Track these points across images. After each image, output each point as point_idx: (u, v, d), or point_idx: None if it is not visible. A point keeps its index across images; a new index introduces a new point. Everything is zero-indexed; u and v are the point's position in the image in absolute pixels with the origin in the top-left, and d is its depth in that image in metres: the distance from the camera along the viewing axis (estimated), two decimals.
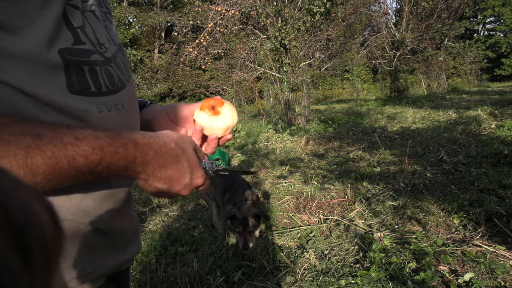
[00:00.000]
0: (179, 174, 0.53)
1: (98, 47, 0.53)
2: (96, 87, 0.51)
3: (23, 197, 0.20)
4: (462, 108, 8.27)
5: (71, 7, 0.49)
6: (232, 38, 9.29)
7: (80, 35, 0.49)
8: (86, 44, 0.50)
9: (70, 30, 0.48)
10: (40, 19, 0.44)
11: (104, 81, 0.52)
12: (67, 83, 0.47)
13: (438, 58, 15.72)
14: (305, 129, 7.44)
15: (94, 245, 0.55)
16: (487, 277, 1.90)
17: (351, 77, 23.77)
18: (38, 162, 0.39)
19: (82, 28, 0.50)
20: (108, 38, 0.57)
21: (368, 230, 2.61)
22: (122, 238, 0.62)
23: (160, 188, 0.52)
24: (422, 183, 3.34)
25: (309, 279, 2.08)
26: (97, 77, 0.51)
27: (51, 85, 0.46)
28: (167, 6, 25.60)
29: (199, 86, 21.97)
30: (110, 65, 0.55)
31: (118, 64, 0.58)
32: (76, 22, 0.49)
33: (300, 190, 3.64)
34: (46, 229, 0.21)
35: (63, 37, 0.47)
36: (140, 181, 0.51)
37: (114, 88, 0.54)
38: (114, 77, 0.55)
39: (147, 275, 2.28)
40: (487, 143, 4.20)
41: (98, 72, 0.52)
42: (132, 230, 0.67)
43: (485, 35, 29.71)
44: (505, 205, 2.60)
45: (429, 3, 11.69)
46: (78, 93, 0.49)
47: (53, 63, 0.46)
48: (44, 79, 0.45)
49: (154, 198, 3.89)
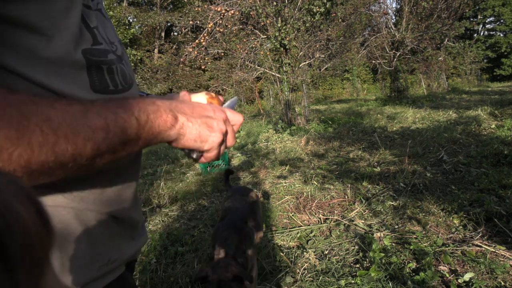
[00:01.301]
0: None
1: (111, 46, 0.55)
2: (114, 85, 0.53)
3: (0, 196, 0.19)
4: (462, 108, 8.27)
5: (85, 7, 0.50)
6: (232, 38, 9.29)
7: (97, 35, 0.51)
8: (102, 44, 0.52)
9: (88, 31, 0.49)
10: (66, 20, 0.45)
11: (119, 79, 0.54)
12: (90, 82, 0.49)
13: (438, 58, 15.71)
14: (305, 129, 7.44)
15: (116, 234, 0.57)
16: (487, 277, 1.90)
17: (351, 77, 23.76)
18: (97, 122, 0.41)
19: (97, 28, 0.52)
20: (114, 35, 0.59)
21: (368, 230, 2.61)
22: (135, 227, 0.65)
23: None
24: (422, 183, 3.34)
25: (309, 279, 2.08)
26: (114, 76, 0.53)
27: (77, 84, 0.47)
28: (167, 6, 25.59)
29: (199, 86, 21.96)
30: (122, 62, 0.56)
31: (127, 61, 0.60)
32: (92, 22, 0.51)
33: (300, 190, 3.64)
34: (30, 228, 0.20)
35: (84, 38, 0.48)
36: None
37: (127, 85, 0.57)
38: (126, 75, 0.57)
39: (147, 275, 2.27)
40: (487, 143, 4.20)
41: (115, 70, 0.53)
42: (142, 220, 0.70)
43: (485, 35, 29.70)
44: (505, 205, 2.60)
45: (429, 3, 11.68)
46: (100, 91, 0.51)
47: (78, 63, 0.47)
48: (70, 79, 0.46)
49: (153, 198, 3.90)
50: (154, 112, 0.47)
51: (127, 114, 0.44)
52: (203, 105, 0.56)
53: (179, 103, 0.53)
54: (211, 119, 0.54)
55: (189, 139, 0.52)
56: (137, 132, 0.45)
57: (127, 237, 0.61)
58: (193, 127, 0.52)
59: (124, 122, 0.43)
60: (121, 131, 0.42)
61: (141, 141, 0.46)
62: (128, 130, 0.43)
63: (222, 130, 0.55)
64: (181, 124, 0.50)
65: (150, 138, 0.47)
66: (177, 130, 0.50)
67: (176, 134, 0.50)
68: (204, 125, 0.53)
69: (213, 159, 0.57)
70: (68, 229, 0.49)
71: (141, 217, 0.69)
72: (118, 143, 0.43)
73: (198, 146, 0.54)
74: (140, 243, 0.67)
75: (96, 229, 0.53)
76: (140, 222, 0.68)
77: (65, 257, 0.49)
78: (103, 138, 0.40)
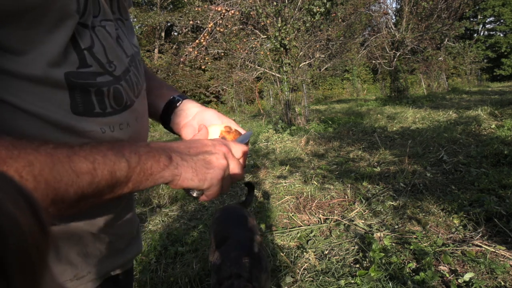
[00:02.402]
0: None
1: (108, 66, 0.52)
2: (101, 108, 0.51)
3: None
4: (462, 108, 8.27)
5: (80, 26, 0.48)
6: (232, 38, 9.29)
7: (87, 57, 0.49)
8: (92, 67, 0.49)
9: (77, 53, 0.47)
10: (47, 43, 0.43)
11: (110, 101, 0.52)
12: (71, 104, 0.47)
13: (438, 58, 15.71)
14: (305, 129, 7.44)
15: (89, 249, 0.55)
16: (487, 277, 1.90)
17: (351, 77, 23.77)
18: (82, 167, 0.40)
19: (90, 48, 0.49)
20: (119, 52, 0.56)
21: (368, 230, 2.61)
22: (120, 242, 0.62)
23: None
24: (422, 183, 3.34)
25: (309, 279, 2.08)
26: (103, 98, 0.51)
27: (54, 106, 0.46)
28: (167, 6, 25.59)
29: (199, 86, 21.96)
30: (119, 83, 0.54)
31: (129, 80, 0.57)
32: (84, 43, 0.48)
33: (300, 190, 3.64)
34: (26, 233, 0.18)
35: (69, 60, 0.46)
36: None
37: (120, 108, 0.54)
38: (122, 96, 0.54)
39: (147, 275, 2.28)
40: (487, 143, 4.20)
41: (105, 92, 0.51)
42: (132, 233, 0.66)
43: (485, 35, 29.70)
44: (505, 205, 2.60)
45: (429, 3, 11.69)
46: (82, 114, 0.49)
47: (58, 85, 0.45)
48: (47, 100, 0.45)
49: (153, 198, 3.89)
50: (146, 153, 0.46)
51: (117, 156, 0.42)
52: (201, 141, 0.55)
53: (174, 143, 0.52)
54: (210, 154, 0.52)
55: (186, 179, 0.50)
56: (126, 175, 0.43)
57: (106, 251, 0.58)
58: (188, 165, 0.50)
59: (113, 164, 0.42)
60: (109, 174, 0.41)
61: (131, 183, 0.44)
62: (117, 173, 0.42)
63: (222, 165, 0.53)
64: (175, 164, 0.48)
65: (141, 180, 0.45)
66: (171, 171, 0.48)
67: (170, 175, 0.48)
68: (202, 161, 0.51)
69: (215, 196, 0.55)
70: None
71: (133, 229, 0.66)
72: (105, 187, 0.41)
73: (196, 185, 0.51)
74: (127, 255, 0.64)
75: (65, 244, 0.51)
76: (130, 235, 0.65)
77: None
78: (89, 183, 0.39)
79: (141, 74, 0.63)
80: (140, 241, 0.71)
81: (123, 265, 0.64)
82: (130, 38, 0.62)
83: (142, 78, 0.63)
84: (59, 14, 0.43)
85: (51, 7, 0.42)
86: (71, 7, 0.44)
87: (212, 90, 17.85)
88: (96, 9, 0.52)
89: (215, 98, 21.73)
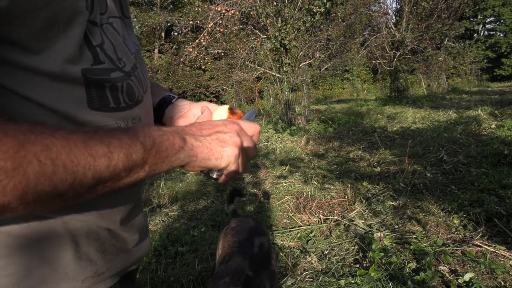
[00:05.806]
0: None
1: (118, 63, 0.53)
2: (115, 102, 0.52)
3: None
4: (462, 108, 8.27)
5: (90, 24, 0.48)
6: (232, 38, 9.30)
7: (99, 54, 0.50)
8: (104, 63, 0.50)
9: (90, 50, 0.48)
10: (63, 40, 0.44)
11: (123, 96, 0.53)
12: (87, 99, 0.48)
13: (438, 58, 15.70)
14: (305, 129, 7.44)
15: (107, 245, 0.56)
16: (487, 277, 1.90)
17: (351, 77, 23.76)
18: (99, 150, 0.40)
19: (101, 45, 0.50)
20: (126, 49, 0.57)
21: (368, 230, 2.61)
22: (132, 238, 0.63)
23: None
24: (422, 183, 3.34)
25: (309, 280, 2.08)
26: (117, 93, 0.52)
27: (72, 101, 0.47)
28: (167, 6, 25.59)
29: (199, 86, 21.96)
30: (130, 79, 0.55)
31: (138, 76, 0.58)
32: (95, 40, 0.49)
33: (300, 190, 3.64)
34: None
35: (84, 57, 0.47)
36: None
37: (132, 103, 0.55)
38: (134, 91, 0.55)
39: (147, 275, 2.28)
40: (487, 143, 4.20)
41: (119, 88, 0.52)
42: (143, 231, 0.68)
43: (485, 35, 29.71)
44: (505, 205, 2.60)
45: (429, 3, 11.69)
46: (98, 109, 0.50)
47: (76, 81, 0.46)
48: (65, 95, 0.46)
49: (153, 198, 3.89)
50: (160, 136, 0.46)
51: (132, 139, 0.43)
52: (212, 122, 0.55)
53: (186, 126, 0.52)
54: (223, 133, 0.53)
55: (202, 159, 0.50)
56: (143, 157, 0.43)
57: (122, 248, 0.59)
58: (203, 145, 0.50)
59: (129, 147, 0.42)
60: (125, 157, 0.41)
61: (147, 166, 0.44)
62: (133, 155, 0.42)
63: (236, 143, 0.53)
64: (190, 145, 0.49)
65: (157, 163, 0.45)
66: (187, 152, 0.48)
67: (186, 156, 0.48)
68: (216, 141, 0.52)
69: (235, 174, 0.55)
70: (54, 238, 0.48)
71: (142, 226, 0.67)
72: (122, 170, 0.41)
73: (214, 164, 0.52)
74: (140, 252, 0.65)
75: (84, 241, 0.52)
76: (140, 231, 0.66)
77: (46, 267, 0.47)
78: (106, 166, 0.39)
79: (145, 71, 0.64)
80: (149, 239, 0.72)
81: (136, 262, 0.65)
82: (132, 36, 0.63)
83: (146, 75, 0.65)
84: (71, 11, 0.44)
85: (62, 5, 0.42)
86: (80, 3, 0.45)
87: (212, 90, 17.86)
88: (103, 6, 0.53)
89: (215, 98, 21.73)
